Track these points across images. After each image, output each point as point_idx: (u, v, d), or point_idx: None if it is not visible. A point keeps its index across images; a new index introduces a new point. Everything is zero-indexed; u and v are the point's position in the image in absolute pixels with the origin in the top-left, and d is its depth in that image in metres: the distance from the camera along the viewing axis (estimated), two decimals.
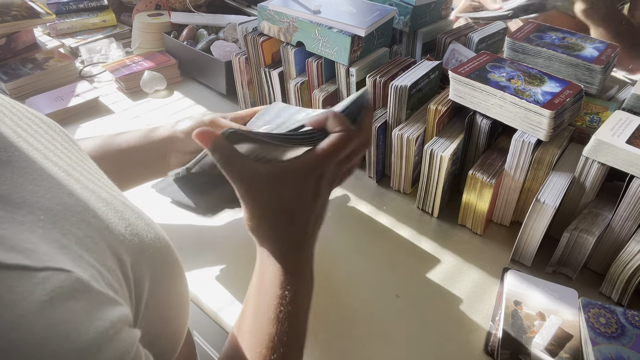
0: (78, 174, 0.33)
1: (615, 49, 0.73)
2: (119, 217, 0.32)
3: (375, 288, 0.60)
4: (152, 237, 0.34)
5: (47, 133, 0.35)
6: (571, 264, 0.61)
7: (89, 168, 0.36)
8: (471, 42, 0.84)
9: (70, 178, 0.31)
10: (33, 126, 0.34)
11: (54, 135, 0.36)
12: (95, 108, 0.98)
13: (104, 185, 0.35)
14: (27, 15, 1.03)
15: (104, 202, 0.32)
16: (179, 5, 1.22)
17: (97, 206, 0.31)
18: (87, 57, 1.12)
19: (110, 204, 0.32)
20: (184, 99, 1.02)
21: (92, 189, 0.32)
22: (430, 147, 0.66)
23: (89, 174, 0.35)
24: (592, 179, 0.59)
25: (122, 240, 0.30)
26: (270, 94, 0.90)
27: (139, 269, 0.31)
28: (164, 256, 0.35)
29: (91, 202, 0.30)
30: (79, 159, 0.36)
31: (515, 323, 0.54)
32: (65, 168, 0.32)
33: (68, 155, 0.35)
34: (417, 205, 0.74)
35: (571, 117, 0.65)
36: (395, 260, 0.65)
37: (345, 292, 0.60)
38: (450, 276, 0.62)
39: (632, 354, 0.48)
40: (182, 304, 0.38)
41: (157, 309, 0.33)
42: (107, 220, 0.30)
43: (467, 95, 0.65)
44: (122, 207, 0.34)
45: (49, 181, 0.29)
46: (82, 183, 0.32)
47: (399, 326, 0.56)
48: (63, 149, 0.35)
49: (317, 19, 0.76)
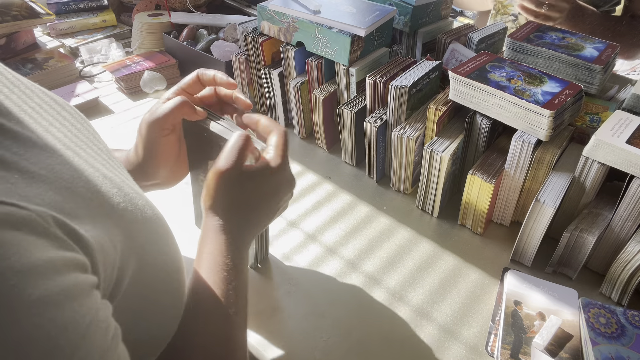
0: (80, 150, 0.33)
1: (615, 48, 0.73)
2: (116, 190, 0.32)
3: (375, 288, 0.60)
4: (151, 215, 0.36)
5: (58, 112, 0.36)
6: (571, 264, 0.61)
7: (98, 149, 0.37)
8: (471, 42, 0.84)
9: (69, 151, 0.32)
10: (43, 105, 0.35)
11: (65, 115, 0.37)
12: (95, 108, 0.98)
13: (108, 164, 0.36)
14: (27, 15, 1.03)
15: (103, 176, 0.32)
16: (179, 5, 1.22)
17: (92, 178, 0.31)
18: (87, 57, 1.12)
19: (109, 178, 0.33)
20: None
21: (92, 164, 0.33)
22: (430, 147, 0.66)
23: (95, 153, 0.36)
24: (592, 179, 0.59)
25: (113, 214, 0.31)
26: (270, 94, 0.90)
27: (129, 243, 0.31)
28: (156, 227, 0.36)
29: (86, 174, 0.31)
30: (89, 139, 0.37)
31: (515, 323, 0.54)
32: (67, 143, 0.33)
33: (76, 135, 0.35)
34: (417, 205, 0.74)
35: (571, 117, 0.65)
36: (395, 260, 0.65)
37: (345, 292, 0.60)
38: (450, 276, 0.62)
39: (632, 354, 0.48)
40: (175, 270, 0.39)
41: (146, 278, 0.34)
42: (101, 192, 0.31)
43: (467, 95, 0.65)
44: (123, 183, 0.34)
45: (42, 149, 0.29)
46: (82, 158, 0.32)
47: (399, 326, 0.56)
48: (72, 127, 0.36)
49: (317, 19, 0.76)
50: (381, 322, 0.56)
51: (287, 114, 0.91)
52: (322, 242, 0.68)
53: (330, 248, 0.66)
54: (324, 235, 0.69)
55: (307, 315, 0.57)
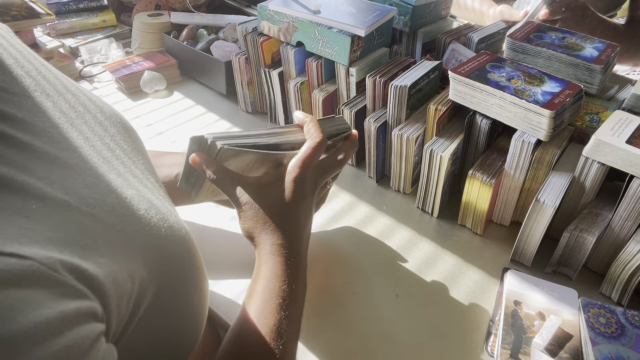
0: (119, 164, 0.33)
1: (615, 48, 0.73)
2: (154, 212, 0.31)
3: (375, 288, 0.60)
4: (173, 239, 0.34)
5: (100, 122, 0.35)
6: (571, 264, 0.61)
7: (140, 164, 0.36)
8: (471, 42, 0.84)
9: (105, 165, 0.31)
10: (86, 115, 0.34)
11: (107, 125, 0.36)
12: None
13: (148, 180, 0.35)
14: (27, 15, 1.03)
15: (139, 196, 0.31)
16: (178, 5, 1.22)
17: (122, 199, 0.30)
18: (87, 57, 1.12)
19: (144, 196, 0.32)
20: (184, 99, 1.02)
21: (128, 180, 0.32)
22: (430, 147, 0.66)
23: (136, 167, 0.35)
24: (592, 179, 0.59)
25: (140, 238, 0.29)
26: (270, 94, 0.90)
27: (155, 269, 0.30)
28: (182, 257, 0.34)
29: (116, 194, 0.29)
30: (133, 152, 0.37)
31: (515, 323, 0.54)
32: (105, 155, 0.32)
33: (116, 147, 0.35)
34: (417, 205, 0.74)
35: (571, 117, 0.65)
36: (395, 260, 0.65)
37: (345, 292, 0.60)
38: (450, 276, 0.62)
39: (632, 354, 0.48)
40: (199, 305, 0.37)
41: (168, 309, 0.32)
42: (130, 214, 0.30)
43: (467, 95, 0.65)
44: (161, 204, 0.34)
45: (71, 169, 0.28)
46: (119, 173, 0.32)
47: (399, 326, 0.56)
48: (113, 139, 0.35)
49: (317, 19, 0.76)
50: (381, 322, 0.56)
51: (287, 114, 0.91)
52: (321, 242, 0.68)
53: (330, 248, 0.66)
54: (323, 235, 0.69)
55: (307, 315, 0.57)
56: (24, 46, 0.35)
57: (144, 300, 0.29)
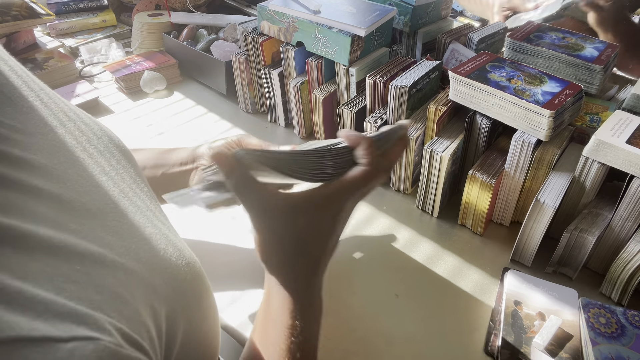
0: (136, 198, 0.31)
1: (615, 49, 0.73)
2: (170, 247, 0.30)
3: (375, 288, 0.60)
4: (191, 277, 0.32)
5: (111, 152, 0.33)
6: (571, 264, 0.61)
7: (145, 192, 0.34)
8: (471, 42, 0.84)
9: (124, 200, 0.29)
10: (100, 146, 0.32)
11: (114, 152, 0.34)
12: (95, 108, 0.98)
13: (157, 211, 0.33)
14: (27, 15, 1.03)
15: (154, 229, 0.30)
16: (179, 5, 1.22)
17: (142, 244, 0.28)
18: (87, 57, 1.12)
19: (159, 229, 0.30)
20: (184, 99, 1.02)
21: (147, 217, 0.30)
22: (430, 147, 0.66)
23: (146, 196, 0.33)
24: (592, 179, 0.59)
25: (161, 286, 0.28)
26: (270, 94, 0.90)
27: (175, 315, 0.29)
28: (200, 295, 0.33)
29: (138, 239, 0.28)
30: (137, 179, 0.34)
31: (515, 323, 0.54)
32: (123, 188, 0.30)
33: (126, 177, 0.32)
34: (417, 205, 0.74)
35: (571, 117, 0.65)
36: (395, 260, 0.65)
37: (345, 292, 0.60)
38: (450, 276, 0.62)
39: (632, 354, 0.48)
40: (214, 333, 0.37)
41: (191, 346, 0.31)
42: (151, 260, 0.28)
43: (467, 95, 0.65)
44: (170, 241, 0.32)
45: (95, 216, 0.26)
46: (137, 207, 0.30)
47: (399, 326, 0.56)
48: (123, 168, 0.33)
49: (317, 19, 0.76)
50: (381, 322, 0.56)
51: (287, 114, 0.91)
52: None
53: None
54: None
55: None
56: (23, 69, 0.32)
57: (174, 345, 0.28)
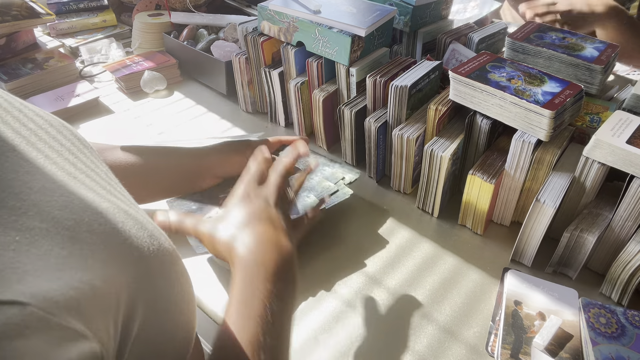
0: (85, 178, 0.31)
1: (615, 49, 0.73)
2: (131, 223, 0.30)
3: (375, 288, 0.60)
4: (156, 249, 0.32)
5: (54, 137, 0.33)
6: (571, 264, 0.61)
7: (101, 173, 0.34)
8: (471, 42, 0.84)
9: (72, 181, 0.29)
10: (39, 132, 0.32)
11: (61, 139, 0.34)
12: (95, 108, 0.98)
13: (114, 189, 0.34)
14: (27, 15, 1.03)
15: (115, 207, 0.30)
16: (179, 5, 1.22)
17: (97, 213, 0.28)
18: (87, 57, 1.13)
19: (119, 207, 0.31)
20: (185, 99, 1.02)
21: (98, 192, 0.30)
22: (430, 147, 0.66)
23: (100, 178, 0.33)
24: (592, 179, 0.59)
25: (121, 252, 0.28)
26: (271, 94, 0.90)
27: (141, 283, 0.29)
28: (167, 267, 0.33)
29: (91, 209, 0.28)
30: (91, 162, 0.35)
31: (516, 323, 0.54)
32: (70, 171, 0.30)
33: (76, 161, 0.33)
34: (417, 205, 0.74)
35: (571, 117, 0.65)
36: (395, 260, 0.65)
37: (345, 292, 0.60)
38: (450, 276, 0.62)
39: (632, 354, 0.48)
40: (188, 312, 0.36)
41: (158, 314, 0.31)
42: (108, 229, 0.28)
43: (467, 95, 0.65)
44: (135, 212, 0.32)
45: (41, 192, 0.26)
46: (87, 186, 0.30)
47: (399, 326, 0.56)
48: (71, 153, 0.33)
49: (317, 19, 0.76)
50: (381, 322, 0.56)
51: (287, 114, 0.91)
52: (321, 242, 0.68)
53: (330, 248, 0.66)
54: (323, 235, 0.69)
55: (306, 315, 0.57)
56: None
57: (134, 321, 0.28)
